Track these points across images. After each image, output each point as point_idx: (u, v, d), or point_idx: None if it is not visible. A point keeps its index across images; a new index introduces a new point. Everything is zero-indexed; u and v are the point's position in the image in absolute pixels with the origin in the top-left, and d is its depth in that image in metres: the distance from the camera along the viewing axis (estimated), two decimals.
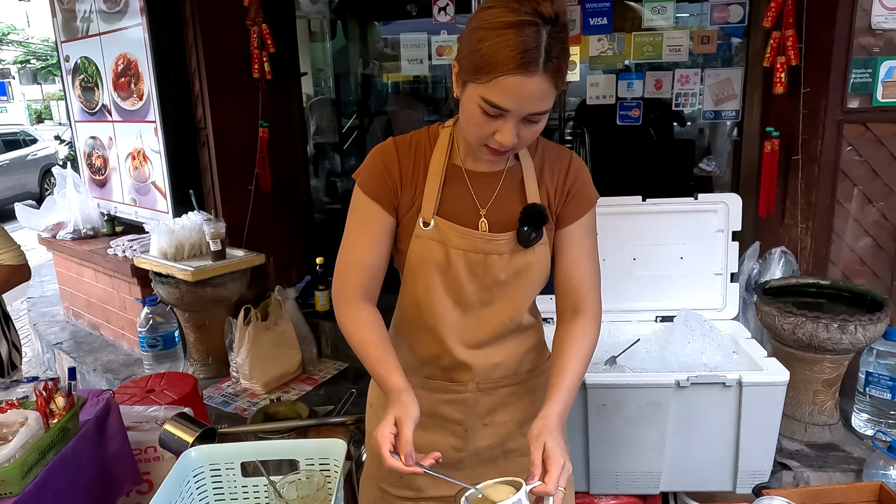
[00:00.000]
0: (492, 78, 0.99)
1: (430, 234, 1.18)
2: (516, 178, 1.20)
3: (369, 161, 1.22)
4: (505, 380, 1.28)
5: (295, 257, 3.71)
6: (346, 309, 1.19)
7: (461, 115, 1.11)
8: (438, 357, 1.25)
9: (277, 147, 3.40)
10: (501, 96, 1.00)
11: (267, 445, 1.24)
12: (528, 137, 1.08)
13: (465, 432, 1.28)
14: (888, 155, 2.44)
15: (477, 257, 1.17)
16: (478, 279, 1.19)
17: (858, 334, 2.07)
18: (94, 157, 3.86)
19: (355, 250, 1.20)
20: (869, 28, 2.34)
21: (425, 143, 1.22)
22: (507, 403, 1.29)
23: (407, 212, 1.20)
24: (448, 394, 1.27)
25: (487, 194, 1.19)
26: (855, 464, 2.17)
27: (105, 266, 3.44)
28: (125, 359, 3.41)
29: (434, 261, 1.18)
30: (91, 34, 3.53)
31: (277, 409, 1.70)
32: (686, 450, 1.80)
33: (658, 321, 2.10)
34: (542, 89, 1.00)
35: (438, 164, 1.19)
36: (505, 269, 1.19)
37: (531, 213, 1.16)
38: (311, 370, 3.12)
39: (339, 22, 5.37)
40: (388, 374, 1.10)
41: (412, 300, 1.24)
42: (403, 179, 1.20)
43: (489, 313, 1.22)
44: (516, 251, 1.18)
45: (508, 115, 1.02)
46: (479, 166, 1.20)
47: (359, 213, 1.21)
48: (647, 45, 2.93)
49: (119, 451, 1.64)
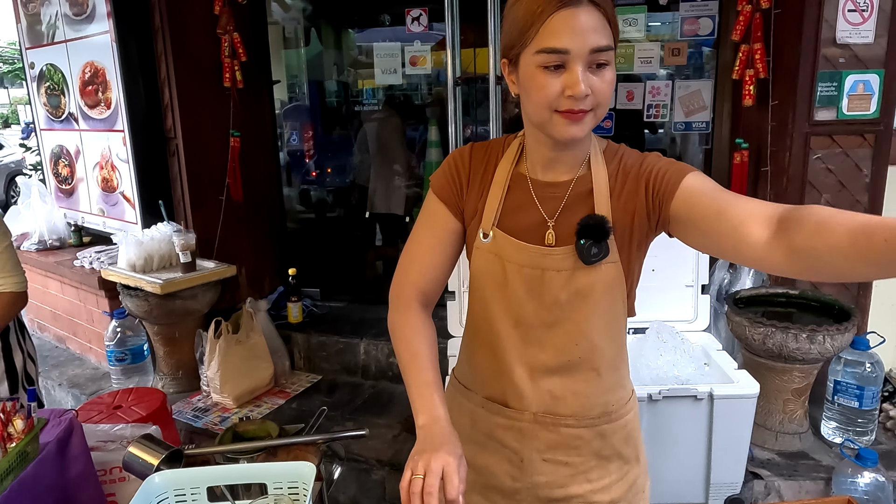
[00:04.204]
0: (539, 26, 0.94)
1: (488, 247, 1.11)
2: (586, 187, 1.08)
3: (444, 162, 1.18)
4: (568, 419, 1.14)
5: (268, 268, 3.66)
6: (402, 312, 1.13)
7: (525, 98, 1.02)
8: (497, 378, 1.17)
9: (249, 156, 3.36)
10: (555, 36, 0.93)
11: (234, 469, 1.21)
12: (601, 89, 0.96)
13: (521, 462, 1.18)
14: (853, 166, 2.48)
15: (534, 273, 1.08)
16: (536, 297, 1.09)
17: (827, 344, 2.10)
18: (60, 166, 3.77)
19: (418, 249, 1.17)
20: (834, 42, 2.38)
21: (498, 151, 1.15)
22: (571, 445, 1.15)
23: (471, 220, 1.15)
24: (505, 419, 1.17)
25: (554, 205, 1.09)
26: (824, 472, 2.20)
27: (72, 278, 3.36)
28: (92, 373, 3.34)
29: (491, 275, 1.12)
30: (57, 41, 3.46)
31: (247, 428, 1.66)
32: (659, 463, 1.81)
33: (630, 333, 2.11)
34: (594, 19, 0.94)
35: (503, 173, 1.12)
36: (565, 287, 1.07)
37: (590, 224, 1.04)
38: (283, 383, 3.08)
39: (314, 29, 5.34)
40: (430, 400, 1.01)
41: (475, 314, 1.19)
42: (471, 184, 1.14)
43: (553, 336, 1.11)
44: (577, 268, 1.06)
45: (570, 60, 0.94)
46: (546, 175, 1.10)
47: (427, 213, 1.18)
48: (619, 56, 2.95)
49: (82, 473, 1.59)
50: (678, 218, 1.00)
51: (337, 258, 4.11)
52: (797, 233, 0.81)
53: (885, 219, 0.74)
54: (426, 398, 1.01)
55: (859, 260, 0.75)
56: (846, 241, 0.75)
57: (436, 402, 1.01)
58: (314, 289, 3.68)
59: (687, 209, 0.98)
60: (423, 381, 1.03)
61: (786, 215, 0.85)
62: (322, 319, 3.47)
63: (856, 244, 0.74)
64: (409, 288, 1.14)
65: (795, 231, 0.82)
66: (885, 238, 0.71)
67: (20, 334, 2.10)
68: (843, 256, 0.76)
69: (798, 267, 0.84)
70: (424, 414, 1.00)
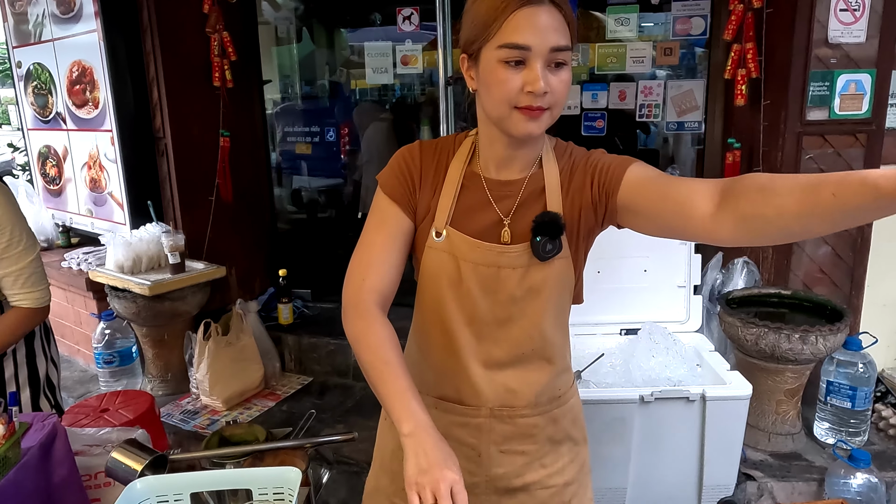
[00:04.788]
0: (502, 21, 0.96)
1: (441, 246, 1.11)
2: (538, 185, 1.10)
3: (392, 161, 1.16)
4: (523, 409, 1.17)
5: (258, 269, 3.63)
6: (360, 319, 1.08)
7: (484, 93, 1.03)
8: (451, 376, 1.17)
9: (239, 156, 3.33)
10: (517, 32, 0.95)
11: (218, 475, 1.19)
12: (558, 88, 0.98)
13: (478, 457, 1.19)
14: (846, 166, 2.48)
15: (489, 271, 1.09)
16: (491, 295, 1.10)
17: (819, 345, 2.09)
18: (48, 167, 3.73)
19: (372, 252, 1.13)
20: (826, 42, 2.38)
21: (449, 149, 1.15)
22: (526, 434, 1.18)
23: (423, 219, 1.14)
24: (460, 416, 1.18)
25: (509, 203, 1.10)
26: (817, 473, 2.19)
27: (59, 279, 3.32)
28: (80, 375, 3.30)
29: (445, 274, 1.11)
30: (44, 40, 3.42)
31: (233, 432, 1.64)
32: (651, 465, 1.80)
33: (622, 334, 2.10)
34: (555, 19, 0.96)
35: (456, 172, 1.12)
36: (519, 284, 1.09)
37: (544, 221, 1.06)
38: (273, 385, 3.05)
39: (305, 28, 5.32)
40: (411, 406, 0.98)
41: (426, 313, 1.17)
42: (423, 183, 1.13)
43: (507, 332, 1.13)
44: (532, 265, 1.08)
45: (531, 57, 0.96)
46: (500, 174, 1.11)
47: (377, 214, 1.15)
48: (611, 55, 2.94)
49: (66, 478, 1.56)
50: (625, 207, 1.03)
51: (328, 259, 4.07)
52: (742, 200, 0.85)
53: (825, 175, 0.77)
54: (406, 405, 0.98)
55: (807, 218, 0.78)
56: (792, 201, 0.78)
57: (417, 408, 0.99)
58: (305, 290, 3.65)
59: (632, 197, 1.02)
60: (399, 388, 1.00)
61: (728, 186, 0.89)
62: (313, 321, 3.44)
63: (803, 203, 0.78)
64: (367, 293, 1.10)
65: (740, 199, 0.85)
66: (832, 192, 0.75)
67: (45, 340, 2.04)
68: (792, 216, 0.79)
69: (748, 234, 0.87)
70: (409, 421, 0.97)
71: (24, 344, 1.92)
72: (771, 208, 0.81)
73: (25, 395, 1.96)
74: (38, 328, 1.98)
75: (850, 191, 0.74)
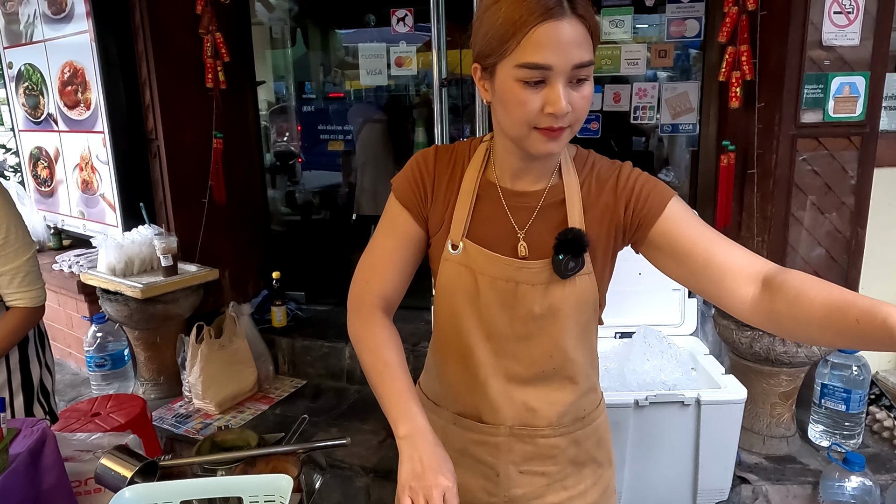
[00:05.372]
0: (521, 38, 0.89)
1: (458, 259, 1.07)
2: (558, 197, 1.05)
3: (407, 165, 1.13)
4: (544, 429, 1.13)
5: (251, 271, 3.61)
6: (365, 320, 1.08)
7: (500, 110, 0.98)
8: (469, 393, 1.14)
9: (233, 158, 3.31)
10: (538, 51, 0.89)
11: (208, 483, 1.17)
12: (580, 105, 0.94)
13: (497, 476, 1.15)
14: (840, 168, 2.48)
15: (507, 286, 1.05)
16: (509, 310, 1.06)
17: (814, 347, 2.09)
18: (39, 168, 3.70)
19: (380, 255, 1.12)
20: (820, 44, 2.37)
21: (464, 157, 1.11)
22: (547, 455, 1.14)
23: (437, 230, 1.11)
24: (479, 434, 1.15)
25: (525, 216, 1.06)
26: (812, 476, 2.18)
27: (50, 282, 3.29)
28: (72, 379, 3.28)
29: (463, 288, 1.08)
30: (35, 40, 3.40)
31: (225, 438, 1.62)
32: (646, 470, 1.79)
33: (617, 337, 2.09)
34: (578, 33, 0.90)
35: (471, 182, 1.07)
36: (539, 301, 1.05)
37: (568, 239, 1.01)
38: (267, 388, 3.03)
39: (300, 29, 5.30)
40: (409, 408, 0.97)
41: (443, 327, 1.15)
42: (436, 191, 1.10)
43: (527, 349, 1.09)
44: (552, 282, 1.04)
45: (552, 76, 0.90)
46: (517, 184, 1.07)
47: (388, 218, 1.13)
48: (606, 57, 2.93)
49: (55, 485, 1.54)
50: (656, 245, 1.02)
51: (322, 261, 4.06)
52: (779, 298, 0.89)
53: (858, 297, 0.82)
54: (404, 406, 0.97)
55: (831, 332, 0.84)
56: (821, 313, 0.84)
57: (415, 410, 0.97)
58: (299, 292, 3.63)
59: (669, 240, 1.00)
60: (398, 389, 0.99)
61: (770, 278, 0.92)
62: (307, 323, 3.42)
63: (830, 318, 0.83)
64: (371, 295, 1.10)
65: (778, 296, 0.90)
66: (857, 318, 0.80)
67: (40, 345, 2.02)
68: (817, 328, 0.85)
69: (776, 328, 0.94)
70: (405, 423, 0.96)
71: (18, 349, 1.90)
72: (802, 314, 0.86)
73: (19, 401, 1.94)
74: (32, 333, 1.96)
75: (872, 325, 0.78)
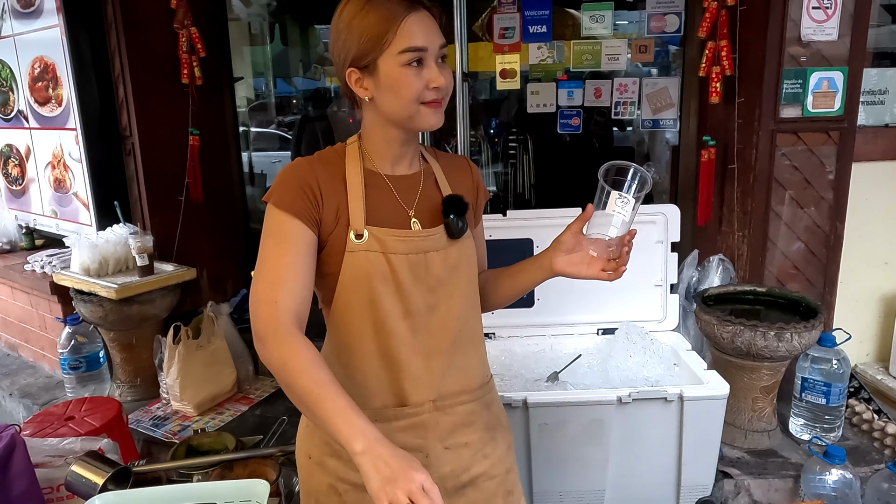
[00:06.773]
0: (396, 29, 1.06)
1: (365, 246, 1.12)
2: (432, 178, 1.24)
3: (282, 180, 1.12)
4: (461, 396, 1.23)
5: (230, 270, 3.56)
6: (281, 345, 1.02)
7: (388, 97, 1.11)
8: (391, 380, 1.17)
9: (210, 155, 3.25)
10: (413, 36, 1.07)
11: (181, 490, 1.14)
12: (450, 79, 1.13)
13: (426, 458, 1.18)
14: (818, 163, 2.49)
15: (418, 258, 1.15)
16: (421, 282, 1.16)
17: (794, 342, 2.10)
18: (10, 166, 3.62)
19: (281, 271, 1.07)
20: (799, 39, 2.39)
21: (337, 158, 1.18)
22: (467, 422, 1.23)
23: (332, 229, 1.12)
24: (404, 419, 1.18)
25: (411, 195, 1.20)
26: (793, 469, 2.19)
27: (22, 283, 3.22)
28: (46, 381, 3.20)
29: (376, 272, 1.12)
30: (4, 35, 3.31)
31: (201, 442, 1.59)
32: (629, 466, 1.78)
33: (600, 334, 2.08)
34: (433, 21, 1.11)
35: (356, 175, 1.15)
36: (444, 265, 1.18)
37: (453, 200, 1.19)
38: (246, 389, 2.98)
39: (278, 25, 5.23)
40: (358, 423, 0.94)
41: (352, 323, 1.15)
42: (324, 192, 1.12)
43: (437, 318, 1.18)
44: (449, 245, 1.19)
45: (427, 57, 1.09)
46: (396, 170, 1.20)
47: (276, 233, 1.09)
48: (587, 53, 2.92)
49: (25, 492, 1.50)
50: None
51: None
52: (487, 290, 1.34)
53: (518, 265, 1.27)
54: (353, 422, 0.94)
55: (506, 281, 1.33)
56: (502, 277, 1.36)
57: (363, 423, 0.94)
58: None
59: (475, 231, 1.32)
60: (340, 407, 0.96)
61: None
62: None
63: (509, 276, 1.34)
64: (285, 315, 1.05)
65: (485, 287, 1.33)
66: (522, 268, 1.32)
67: None
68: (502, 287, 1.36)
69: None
70: (359, 439, 0.92)
71: None
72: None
73: None
74: None
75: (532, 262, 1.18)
